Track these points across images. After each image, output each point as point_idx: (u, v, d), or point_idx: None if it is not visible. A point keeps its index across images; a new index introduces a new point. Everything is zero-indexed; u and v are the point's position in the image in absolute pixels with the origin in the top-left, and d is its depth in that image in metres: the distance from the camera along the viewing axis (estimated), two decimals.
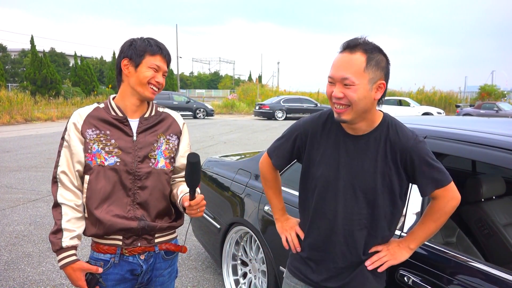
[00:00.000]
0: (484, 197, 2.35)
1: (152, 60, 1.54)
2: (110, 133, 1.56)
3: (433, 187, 1.43)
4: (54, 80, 26.86)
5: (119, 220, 1.54)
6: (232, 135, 14.22)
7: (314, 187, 1.54)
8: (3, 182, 6.76)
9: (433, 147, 1.85)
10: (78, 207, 1.55)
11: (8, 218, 4.94)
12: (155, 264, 1.65)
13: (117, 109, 1.59)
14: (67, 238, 1.50)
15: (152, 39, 1.59)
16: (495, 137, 1.73)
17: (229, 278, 3.04)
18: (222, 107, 29.97)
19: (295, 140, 1.59)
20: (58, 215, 1.52)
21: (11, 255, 3.85)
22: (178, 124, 1.71)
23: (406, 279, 1.65)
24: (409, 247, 1.54)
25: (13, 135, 13.52)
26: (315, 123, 1.56)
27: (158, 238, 1.64)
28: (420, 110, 22.59)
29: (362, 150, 1.46)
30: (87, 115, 1.57)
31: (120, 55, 1.58)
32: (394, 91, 33.44)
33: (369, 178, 1.44)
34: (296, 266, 1.64)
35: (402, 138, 1.44)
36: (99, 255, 1.58)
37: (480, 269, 1.54)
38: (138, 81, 1.54)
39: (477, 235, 2.36)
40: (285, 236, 1.72)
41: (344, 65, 1.35)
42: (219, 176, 3.28)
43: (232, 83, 69.05)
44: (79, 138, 1.54)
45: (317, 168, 1.52)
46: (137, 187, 1.57)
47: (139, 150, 1.58)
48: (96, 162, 1.53)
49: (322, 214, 1.53)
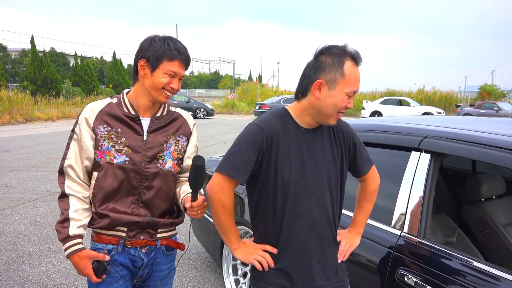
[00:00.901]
0: (484, 197, 2.36)
1: (170, 66, 1.51)
2: (121, 131, 1.56)
3: (369, 166, 1.63)
4: (54, 80, 26.86)
5: (123, 216, 1.56)
6: (232, 135, 14.22)
7: (283, 191, 1.46)
8: (4, 182, 6.76)
9: (434, 147, 1.85)
10: (85, 199, 1.56)
11: (8, 218, 4.94)
12: (156, 259, 1.66)
13: (130, 106, 1.58)
14: (74, 227, 1.51)
15: (172, 41, 1.54)
16: (495, 137, 1.73)
17: (229, 277, 3.04)
18: (222, 107, 29.97)
19: (261, 146, 1.45)
20: (65, 205, 1.53)
21: (11, 255, 3.85)
22: (189, 125, 1.71)
23: (406, 279, 1.65)
24: (359, 231, 1.69)
25: (13, 134, 13.52)
26: (274, 124, 1.47)
27: (160, 233, 1.65)
28: (420, 110, 22.56)
29: (320, 142, 1.52)
30: (100, 111, 1.56)
31: (138, 54, 1.54)
32: (394, 90, 33.42)
33: (331, 166, 1.52)
34: (276, 281, 1.51)
35: (342, 126, 1.59)
36: (101, 245, 1.59)
37: (480, 269, 1.55)
38: (152, 85, 1.52)
39: (477, 234, 2.36)
40: (254, 260, 1.52)
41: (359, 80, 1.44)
42: None
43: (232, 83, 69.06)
44: (90, 134, 1.54)
45: (285, 171, 1.46)
46: (143, 186, 1.58)
47: (148, 150, 1.57)
48: (105, 160, 1.53)
49: (297, 216, 1.48)
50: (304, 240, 1.49)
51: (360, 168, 1.62)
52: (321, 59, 1.41)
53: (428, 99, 30.79)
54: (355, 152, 1.59)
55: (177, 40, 1.56)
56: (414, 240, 1.76)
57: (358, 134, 1.66)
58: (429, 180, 1.82)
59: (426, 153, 1.87)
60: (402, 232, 1.82)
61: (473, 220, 2.38)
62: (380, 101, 24.03)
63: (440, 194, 2.64)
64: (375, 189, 1.67)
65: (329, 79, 1.39)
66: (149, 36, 1.57)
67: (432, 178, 1.82)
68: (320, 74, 1.40)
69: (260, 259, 1.52)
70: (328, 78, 1.39)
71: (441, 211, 2.45)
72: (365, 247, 1.93)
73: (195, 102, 23.92)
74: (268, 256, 1.52)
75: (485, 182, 2.34)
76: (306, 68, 1.46)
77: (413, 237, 1.77)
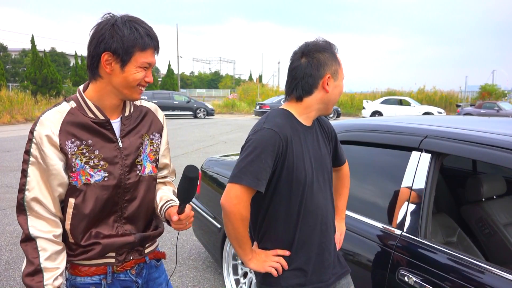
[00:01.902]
0: (485, 197, 2.35)
1: (143, 58, 1.24)
2: (92, 142, 1.28)
3: (345, 156, 1.78)
4: (54, 79, 26.87)
5: (115, 239, 1.33)
6: (233, 135, 14.22)
7: (299, 191, 1.47)
8: (4, 181, 6.76)
9: (434, 147, 1.85)
10: (57, 238, 1.26)
11: (8, 218, 4.94)
12: (150, 275, 1.48)
13: (96, 109, 1.29)
14: (50, 279, 1.23)
15: (139, 24, 1.25)
16: (496, 137, 1.73)
17: (230, 277, 3.04)
18: (223, 107, 29.97)
19: (278, 152, 1.42)
20: (33, 251, 1.23)
21: (11, 255, 3.85)
22: (159, 118, 1.47)
23: (407, 279, 1.65)
24: (342, 217, 1.82)
25: (13, 134, 13.53)
26: (285, 127, 1.46)
27: (148, 248, 1.47)
28: (420, 109, 22.55)
29: (316, 138, 1.58)
30: (62, 122, 1.25)
31: (98, 45, 1.22)
32: (395, 90, 33.40)
33: (327, 160, 1.60)
34: (293, 282, 1.51)
35: (325, 121, 1.69)
36: (86, 279, 1.33)
37: (481, 269, 1.54)
38: (125, 83, 1.26)
39: (477, 234, 2.36)
40: (270, 267, 1.49)
41: None
42: (220, 175, 3.27)
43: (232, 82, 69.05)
44: (57, 154, 1.23)
45: (300, 172, 1.46)
46: (124, 200, 1.35)
47: (126, 157, 1.33)
48: (82, 181, 1.26)
49: (310, 213, 1.49)
50: (318, 235, 1.53)
51: (340, 158, 1.75)
52: (319, 56, 1.47)
53: (429, 99, 30.78)
54: (336, 144, 1.71)
55: (141, 21, 1.28)
56: (414, 240, 1.76)
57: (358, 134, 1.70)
58: (430, 180, 1.82)
59: (426, 153, 1.87)
60: (402, 232, 1.82)
61: (473, 220, 2.38)
62: (380, 101, 24.02)
63: (441, 194, 2.64)
64: (348, 174, 1.83)
65: (333, 72, 1.48)
66: (104, 20, 1.25)
67: (432, 178, 1.82)
68: (325, 69, 1.47)
69: (275, 265, 1.49)
70: (333, 71, 1.48)
71: (442, 211, 2.45)
72: (365, 247, 1.93)
73: (195, 102, 23.92)
74: (282, 260, 1.50)
75: (485, 182, 2.34)
76: (300, 69, 1.47)
77: (414, 237, 1.77)
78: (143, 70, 1.27)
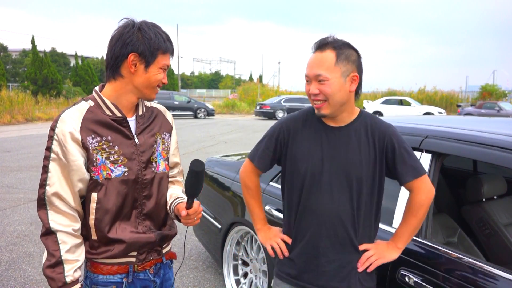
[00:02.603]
0: (485, 197, 2.35)
1: (164, 60, 1.35)
2: (112, 138, 1.34)
3: (412, 175, 1.48)
4: (55, 80, 26.87)
5: (138, 236, 1.39)
6: (233, 135, 14.22)
7: (299, 184, 1.54)
8: (4, 182, 6.77)
9: (434, 147, 1.85)
10: (76, 232, 1.32)
11: (9, 218, 4.94)
12: (165, 275, 1.54)
13: (114, 107, 1.36)
14: (70, 271, 1.29)
15: (160, 29, 1.36)
16: (496, 137, 1.73)
17: (230, 278, 3.04)
18: (223, 107, 29.97)
19: (278, 138, 1.59)
20: (53, 244, 1.28)
21: (12, 255, 3.85)
22: (168, 120, 1.56)
23: (407, 279, 1.65)
24: (397, 246, 1.57)
25: (14, 135, 13.53)
26: (295, 120, 1.59)
27: (165, 248, 1.54)
28: (421, 109, 22.56)
29: (345, 141, 1.50)
30: (83, 119, 1.31)
31: (126, 46, 1.30)
32: (395, 90, 33.41)
33: (354, 168, 1.48)
34: (285, 270, 1.61)
35: (380, 126, 1.52)
36: (108, 278, 1.38)
37: (481, 269, 1.54)
38: (147, 83, 1.35)
39: (478, 235, 2.35)
40: (270, 245, 1.67)
41: (317, 63, 1.44)
42: (220, 176, 3.28)
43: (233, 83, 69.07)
44: (79, 150, 1.29)
45: (301, 164, 1.53)
46: (143, 196, 1.41)
47: (142, 154, 1.40)
48: (103, 176, 1.32)
49: (309, 210, 1.53)
50: (313, 235, 1.52)
51: (400, 176, 1.49)
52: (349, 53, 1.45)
53: (429, 99, 30.79)
54: (394, 157, 1.48)
55: (160, 27, 1.39)
56: (415, 240, 1.76)
57: None
58: (430, 180, 1.82)
59: (427, 153, 1.87)
60: None
61: (474, 220, 2.38)
62: (381, 101, 24.04)
63: (441, 194, 2.64)
64: (422, 203, 1.50)
65: None
66: (127, 24, 1.33)
67: (433, 178, 1.82)
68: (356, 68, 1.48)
69: (275, 246, 1.64)
70: None
71: (442, 211, 2.45)
72: None
73: (195, 102, 23.92)
74: (283, 245, 1.63)
75: (486, 182, 2.33)
76: None
77: (414, 237, 1.77)
78: (162, 71, 1.37)
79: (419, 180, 1.49)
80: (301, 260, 1.56)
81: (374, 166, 1.49)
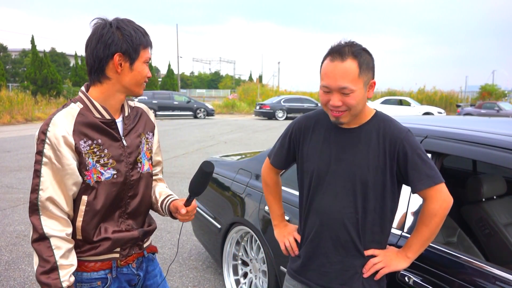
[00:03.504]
0: (485, 197, 2.35)
1: (146, 54, 1.35)
2: (102, 141, 1.34)
3: (425, 184, 1.40)
4: (54, 80, 26.86)
5: (123, 234, 1.42)
6: (233, 135, 14.22)
7: (308, 183, 1.55)
8: (4, 182, 6.76)
9: (434, 147, 1.85)
10: (68, 236, 1.31)
11: (9, 218, 4.94)
12: (147, 268, 1.57)
13: (103, 109, 1.36)
14: (66, 276, 1.28)
15: (136, 25, 1.35)
16: (496, 137, 1.73)
17: (230, 278, 3.04)
18: (223, 107, 29.97)
19: (290, 136, 1.62)
20: (47, 250, 1.26)
21: (11, 255, 3.85)
22: (151, 119, 1.56)
23: (407, 279, 1.65)
24: (407, 256, 1.50)
25: (13, 135, 13.52)
26: (309, 119, 1.60)
27: (146, 242, 1.56)
28: (421, 110, 22.57)
29: (353, 143, 1.46)
30: (75, 123, 1.30)
31: (109, 47, 1.28)
32: (395, 90, 33.42)
33: (359, 171, 1.43)
34: (294, 268, 1.64)
35: (394, 130, 1.45)
36: (92, 274, 1.38)
37: (481, 269, 1.54)
38: (134, 81, 1.35)
39: (478, 234, 2.35)
40: (283, 243, 1.71)
41: (340, 75, 1.35)
42: (220, 176, 3.27)
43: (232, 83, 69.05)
44: (72, 155, 1.28)
45: (309, 163, 1.54)
46: (128, 196, 1.43)
47: (129, 155, 1.41)
48: (94, 179, 1.33)
49: (314, 210, 1.54)
50: (317, 235, 1.54)
51: (413, 183, 1.42)
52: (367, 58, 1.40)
53: (429, 99, 30.81)
54: (405, 163, 1.41)
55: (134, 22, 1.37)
56: None
57: None
58: None
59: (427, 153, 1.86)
60: (402, 232, 1.82)
61: (473, 220, 2.38)
62: (380, 101, 24.02)
63: None
64: (434, 213, 1.41)
65: None
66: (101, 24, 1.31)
67: None
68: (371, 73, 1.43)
69: (287, 244, 1.69)
70: None
71: None
72: None
73: (195, 102, 23.90)
74: (294, 243, 1.67)
75: (485, 182, 2.33)
76: None
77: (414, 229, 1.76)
78: (146, 65, 1.36)
79: (433, 189, 1.41)
80: (306, 258, 1.58)
81: (384, 172, 1.43)
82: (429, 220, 1.43)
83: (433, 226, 1.43)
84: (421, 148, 1.43)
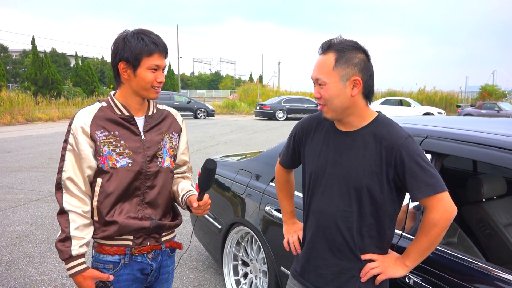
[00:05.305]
0: (485, 197, 2.35)
1: (151, 61, 1.48)
2: (119, 134, 1.53)
3: (423, 193, 1.33)
4: (55, 80, 26.90)
5: (132, 221, 1.54)
6: (233, 135, 14.22)
7: (307, 184, 1.58)
8: (4, 182, 6.77)
9: (434, 147, 1.85)
10: (85, 213, 1.51)
11: (9, 219, 4.94)
12: (162, 262, 1.68)
13: (123, 107, 1.56)
14: (76, 246, 1.47)
15: (145, 34, 1.49)
16: (496, 137, 1.73)
17: (230, 278, 3.04)
18: (223, 107, 29.98)
19: (295, 137, 1.66)
20: (65, 222, 1.48)
21: (12, 255, 3.85)
22: (178, 122, 1.73)
23: (407, 279, 1.65)
24: (405, 264, 1.45)
25: (14, 135, 13.53)
26: (311, 120, 1.61)
27: (164, 237, 1.67)
28: (421, 110, 22.57)
29: (349, 147, 1.45)
30: (94, 117, 1.52)
31: (115, 56, 1.50)
32: (395, 91, 33.43)
33: (353, 175, 1.41)
34: (295, 267, 1.67)
35: (392, 136, 1.39)
36: (107, 257, 1.56)
37: (481, 269, 1.54)
38: (140, 86, 1.50)
39: (478, 235, 2.36)
40: (287, 238, 1.75)
41: (317, 66, 1.43)
42: (220, 176, 3.28)
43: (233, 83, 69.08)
44: (88, 142, 1.50)
45: (309, 165, 1.56)
46: (146, 186, 1.58)
47: (147, 149, 1.57)
48: (109, 165, 1.51)
49: (312, 211, 1.56)
50: (313, 237, 1.55)
51: (411, 191, 1.36)
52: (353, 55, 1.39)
53: (429, 100, 30.81)
54: (403, 170, 1.35)
55: (149, 32, 1.52)
56: None
57: None
58: None
59: (427, 154, 1.86)
60: (403, 232, 1.82)
61: (474, 221, 2.38)
62: (380, 102, 24.02)
63: None
64: (434, 223, 1.34)
65: None
66: (120, 35, 1.52)
67: None
68: None
69: (290, 241, 1.73)
70: None
71: None
72: None
73: (195, 103, 23.92)
74: (297, 241, 1.70)
75: (486, 182, 2.33)
76: None
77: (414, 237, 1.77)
78: (152, 72, 1.49)
79: (433, 198, 1.34)
80: (304, 259, 1.60)
81: (380, 177, 1.39)
82: (428, 230, 1.37)
83: (433, 236, 1.36)
84: (421, 155, 1.37)
